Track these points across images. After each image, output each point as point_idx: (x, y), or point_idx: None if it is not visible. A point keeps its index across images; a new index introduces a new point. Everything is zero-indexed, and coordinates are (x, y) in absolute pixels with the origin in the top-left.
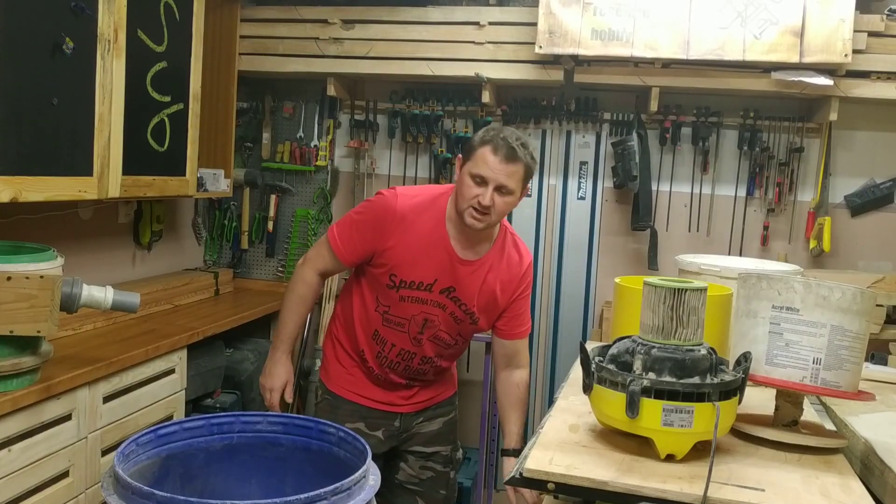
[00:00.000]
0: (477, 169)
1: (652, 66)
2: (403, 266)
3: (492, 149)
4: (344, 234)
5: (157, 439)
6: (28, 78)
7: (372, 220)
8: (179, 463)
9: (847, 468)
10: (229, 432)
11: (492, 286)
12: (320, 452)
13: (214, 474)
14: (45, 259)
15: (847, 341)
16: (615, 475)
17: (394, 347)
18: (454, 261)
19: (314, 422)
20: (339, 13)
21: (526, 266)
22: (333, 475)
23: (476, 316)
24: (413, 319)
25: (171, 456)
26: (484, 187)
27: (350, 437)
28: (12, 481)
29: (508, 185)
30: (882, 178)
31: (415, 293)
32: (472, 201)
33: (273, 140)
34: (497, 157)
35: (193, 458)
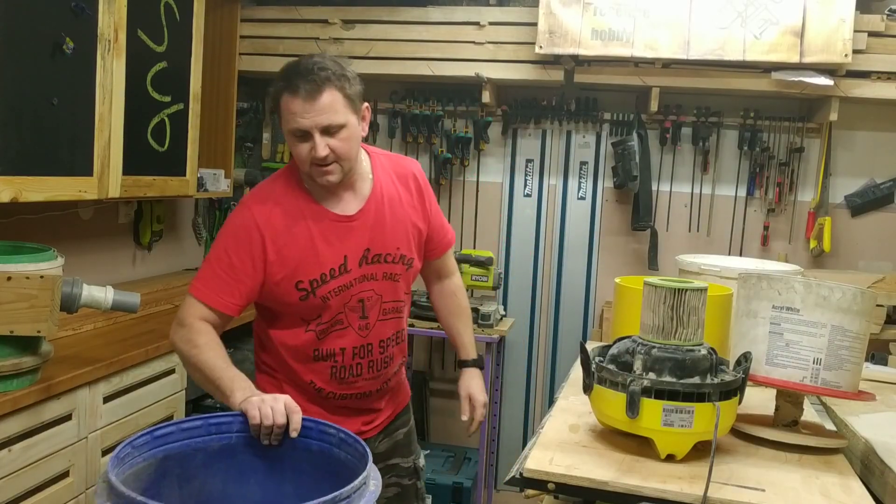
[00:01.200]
0: (290, 124)
1: (652, 66)
2: (301, 265)
3: (290, 95)
4: (209, 279)
5: (153, 440)
6: (28, 78)
7: (242, 250)
8: (176, 464)
9: (847, 468)
10: (227, 432)
11: (401, 213)
12: (321, 453)
13: (212, 475)
14: (45, 259)
15: (847, 341)
16: (615, 475)
17: (344, 351)
18: (343, 222)
19: (314, 422)
20: (339, 13)
21: (415, 172)
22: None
23: (408, 258)
24: (348, 308)
25: (168, 457)
26: (310, 139)
27: (351, 440)
28: (13, 481)
29: (333, 121)
30: (882, 178)
31: (333, 284)
32: (308, 158)
33: (273, 140)
34: (299, 98)
35: (191, 458)
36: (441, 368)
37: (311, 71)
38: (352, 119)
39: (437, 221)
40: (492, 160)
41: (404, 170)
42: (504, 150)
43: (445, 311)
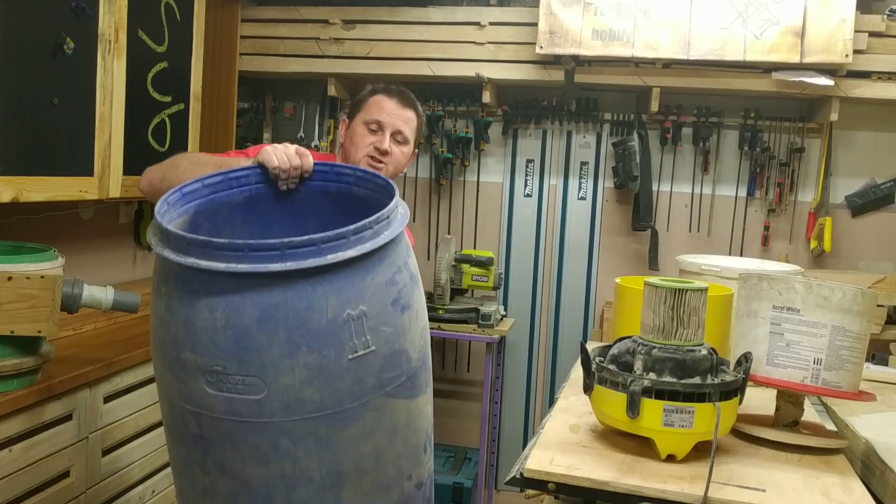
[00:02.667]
0: (372, 115)
1: (653, 67)
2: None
3: (386, 94)
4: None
5: (182, 197)
6: (29, 78)
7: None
8: (206, 218)
9: (848, 468)
10: (247, 184)
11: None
12: (339, 194)
13: (239, 225)
14: (45, 259)
15: (848, 342)
16: (616, 475)
17: None
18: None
19: (329, 165)
20: (339, 13)
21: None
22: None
23: None
24: None
25: (198, 212)
26: (380, 133)
27: (368, 175)
28: (13, 481)
29: (405, 131)
30: (883, 178)
31: None
32: (369, 148)
33: (274, 140)
34: (393, 101)
35: (218, 211)
36: (441, 368)
37: (406, 91)
38: (412, 144)
39: None
40: (492, 160)
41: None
42: (504, 151)
43: None
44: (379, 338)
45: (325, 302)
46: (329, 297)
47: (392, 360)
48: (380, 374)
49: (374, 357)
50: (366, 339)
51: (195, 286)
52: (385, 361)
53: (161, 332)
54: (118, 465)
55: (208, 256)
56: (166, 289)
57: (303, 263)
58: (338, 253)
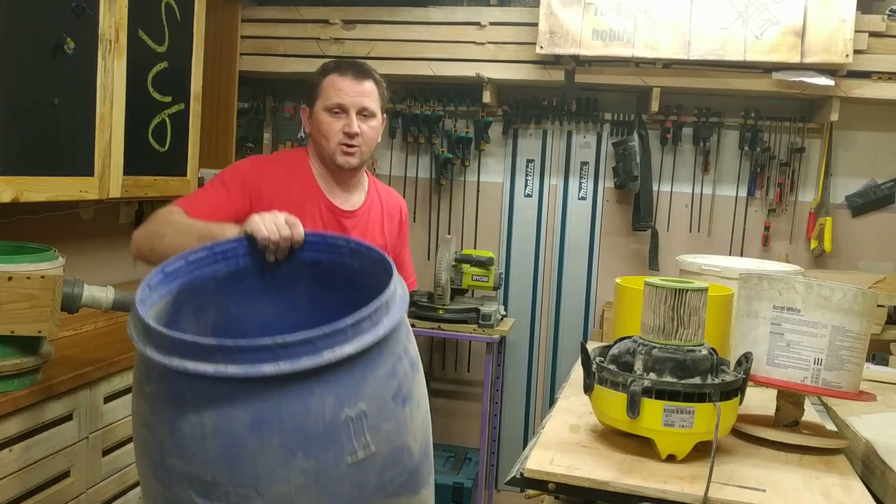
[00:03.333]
0: (331, 100)
1: (653, 67)
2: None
3: (339, 74)
4: (200, 201)
5: (165, 277)
6: (29, 78)
7: (234, 182)
8: (190, 296)
9: (848, 469)
10: (233, 257)
11: (380, 235)
12: (331, 265)
13: (225, 301)
14: (46, 259)
15: (848, 342)
16: (616, 475)
17: None
18: (337, 214)
19: (321, 236)
20: (340, 13)
21: (402, 206)
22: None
23: None
24: None
25: (182, 290)
26: (345, 116)
27: (363, 248)
28: (13, 481)
29: (369, 105)
30: (883, 178)
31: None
32: (339, 135)
33: (274, 140)
34: (347, 78)
35: (202, 289)
36: (442, 368)
37: (357, 62)
38: (380, 114)
39: (402, 262)
40: (492, 160)
41: (394, 201)
42: (505, 151)
43: None
44: (380, 437)
45: (322, 403)
46: (326, 398)
47: (393, 458)
48: (381, 476)
49: (375, 458)
50: (366, 439)
51: (181, 388)
52: (386, 461)
53: (145, 434)
54: (118, 465)
55: (195, 357)
56: (149, 388)
57: (298, 364)
58: (335, 349)
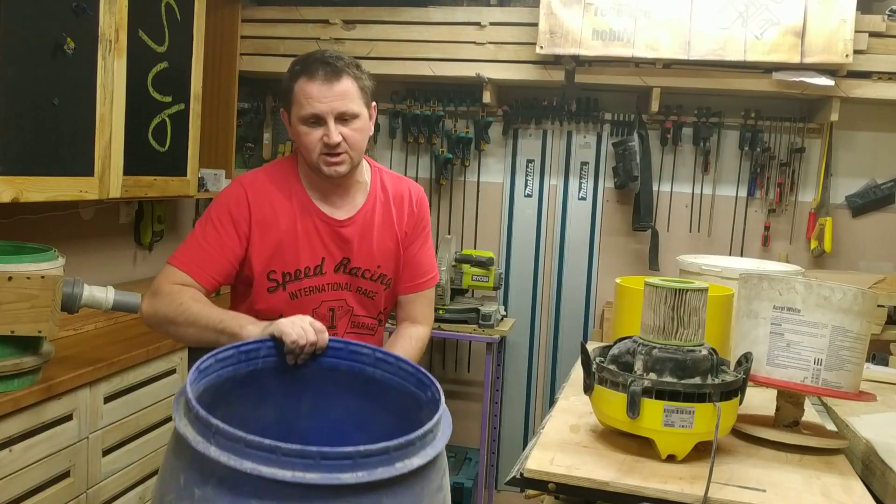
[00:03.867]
0: (304, 110)
1: (653, 67)
2: (278, 255)
3: (307, 78)
4: (193, 249)
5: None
6: (29, 78)
7: (224, 221)
8: (209, 394)
9: (848, 469)
10: (255, 358)
11: (389, 233)
12: (349, 372)
13: (235, 400)
14: (46, 259)
15: (848, 342)
16: (616, 476)
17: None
18: (331, 225)
19: (345, 343)
20: (340, 13)
21: (417, 198)
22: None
23: (388, 277)
24: (315, 314)
25: (206, 388)
26: (323, 126)
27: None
28: (13, 481)
29: (348, 108)
30: (883, 178)
31: (305, 283)
32: (319, 146)
33: (274, 140)
34: (316, 83)
35: (221, 387)
36: (442, 368)
37: (328, 58)
38: (364, 111)
39: (419, 256)
40: (492, 160)
41: (404, 191)
42: (505, 151)
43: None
44: None
45: None
46: None
47: None
48: None
49: None
50: None
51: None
52: None
53: None
54: (118, 466)
55: (272, 462)
56: (203, 492)
57: (374, 474)
58: (405, 461)
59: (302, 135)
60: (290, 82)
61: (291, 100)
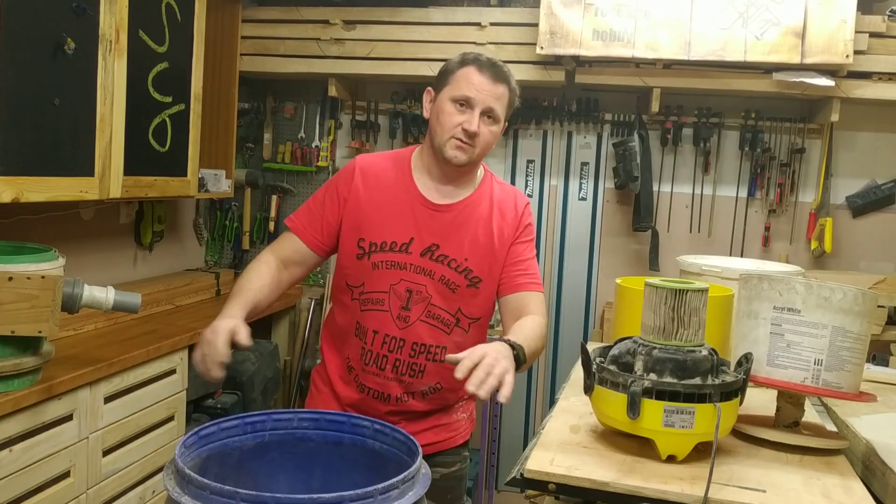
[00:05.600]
0: (461, 91)
1: (653, 67)
2: (370, 226)
3: (477, 68)
4: (303, 211)
5: (199, 440)
6: (30, 78)
7: (332, 186)
8: (216, 463)
9: (848, 469)
10: (262, 430)
11: (485, 231)
12: (353, 446)
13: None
14: (46, 259)
15: (848, 342)
16: (616, 476)
17: (377, 335)
18: (428, 209)
19: (347, 416)
20: (340, 14)
21: (523, 206)
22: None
23: (474, 274)
24: (393, 291)
25: (210, 456)
26: (469, 112)
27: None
28: (14, 481)
29: (496, 109)
30: (884, 178)
31: (389, 256)
32: (456, 129)
33: (274, 140)
34: (484, 76)
35: (228, 457)
36: None
37: (498, 62)
38: (503, 121)
39: (520, 259)
40: (493, 161)
41: (510, 198)
42: (505, 151)
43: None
44: None
45: None
46: None
47: None
48: None
49: None
50: None
51: None
52: None
53: None
54: (119, 466)
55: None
56: None
57: None
58: None
59: (445, 113)
60: (457, 66)
61: (449, 80)
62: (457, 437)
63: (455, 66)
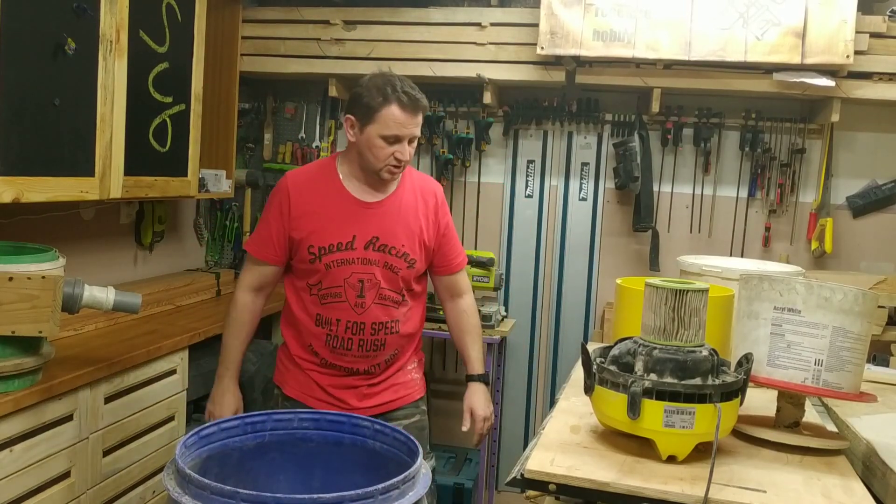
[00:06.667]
0: (389, 130)
1: (654, 67)
2: (316, 233)
3: (399, 107)
4: (255, 236)
5: (199, 440)
6: (30, 79)
7: (273, 207)
8: (216, 463)
9: (849, 469)
10: (262, 430)
11: (414, 219)
12: (353, 446)
13: (245, 472)
14: (46, 259)
15: (849, 342)
16: (616, 476)
17: (339, 322)
18: (362, 208)
19: (347, 416)
20: (340, 14)
21: (437, 190)
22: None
23: (411, 257)
24: (347, 284)
25: (210, 456)
26: (398, 144)
27: (388, 429)
28: (14, 481)
29: (416, 132)
30: (884, 179)
31: (338, 255)
32: (389, 159)
33: (274, 141)
34: (406, 112)
35: (228, 457)
36: (442, 369)
37: (413, 91)
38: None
39: (448, 242)
40: (493, 161)
41: (428, 186)
42: (505, 151)
43: (457, 328)
44: None
45: None
46: None
47: None
48: None
49: None
50: None
51: None
52: None
53: None
54: (119, 466)
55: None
56: None
57: None
58: None
59: (376, 148)
60: (380, 103)
61: (374, 118)
62: (413, 393)
63: (378, 104)
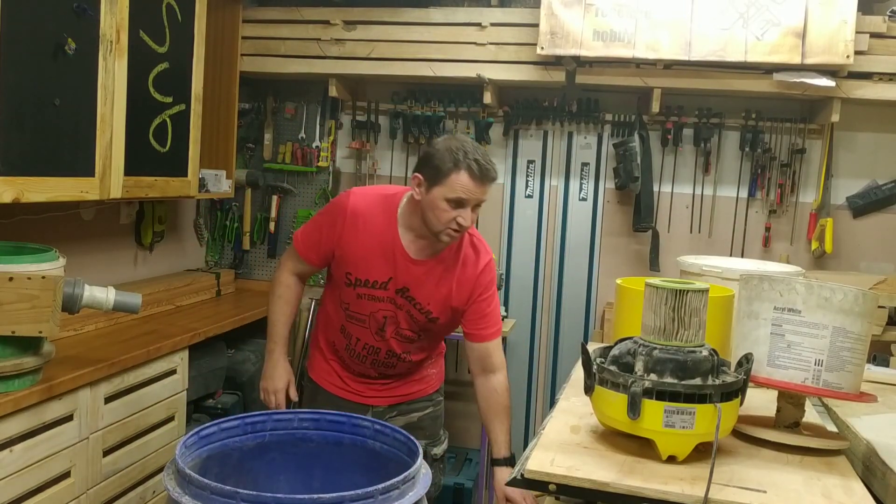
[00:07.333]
0: (455, 194)
1: (654, 68)
2: (357, 264)
3: (468, 174)
4: (306, 235)
5: (199, 440)
6: (30, 79)
7: (329, 220)
8: (216, 463)
9: (849, 470)
10: (262, 430)
11: (447, 285)
12: (353, 446)
13: (245, 472)
14: (46, 259)
15: (849, 343)
16: (617, 476)
17: (359, 341)
18: (406, 261)
19: (347, 416)
20: (340, 14)
21: (483, 265)
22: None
23: (433, 315)
24: (372, 317)
25: (210, 456)
26: (462, 209)
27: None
28: (14, 481)
29: (483, 199)
30: (884, 179)
31: (370, 291)
32: (451, 223)
33: (275, 141)
34: (475, 182)
35: (228, 457)
36: None
37: (487, 163)
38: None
39: (482, 310)
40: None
41: (477, 255)
42: (505, 151)
43: (485, 406)
44: None
45: None
46: None
47: None
48: None
49: None
50: None
51: None
52: None
53: None
54: (119, 466)
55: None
56: None
57: None
58: None
59: (440, 210)
60: (451, 167)
61: (443, 181)
62: (428, 388)
63: (449, 168)
